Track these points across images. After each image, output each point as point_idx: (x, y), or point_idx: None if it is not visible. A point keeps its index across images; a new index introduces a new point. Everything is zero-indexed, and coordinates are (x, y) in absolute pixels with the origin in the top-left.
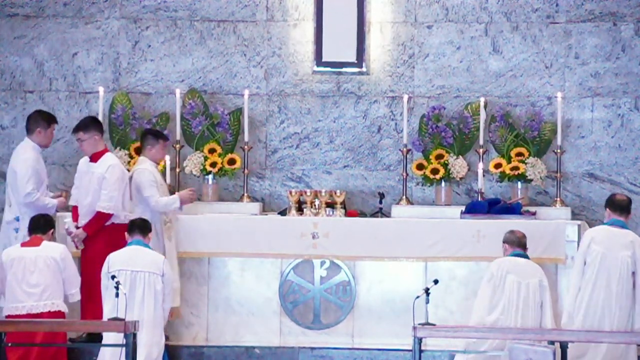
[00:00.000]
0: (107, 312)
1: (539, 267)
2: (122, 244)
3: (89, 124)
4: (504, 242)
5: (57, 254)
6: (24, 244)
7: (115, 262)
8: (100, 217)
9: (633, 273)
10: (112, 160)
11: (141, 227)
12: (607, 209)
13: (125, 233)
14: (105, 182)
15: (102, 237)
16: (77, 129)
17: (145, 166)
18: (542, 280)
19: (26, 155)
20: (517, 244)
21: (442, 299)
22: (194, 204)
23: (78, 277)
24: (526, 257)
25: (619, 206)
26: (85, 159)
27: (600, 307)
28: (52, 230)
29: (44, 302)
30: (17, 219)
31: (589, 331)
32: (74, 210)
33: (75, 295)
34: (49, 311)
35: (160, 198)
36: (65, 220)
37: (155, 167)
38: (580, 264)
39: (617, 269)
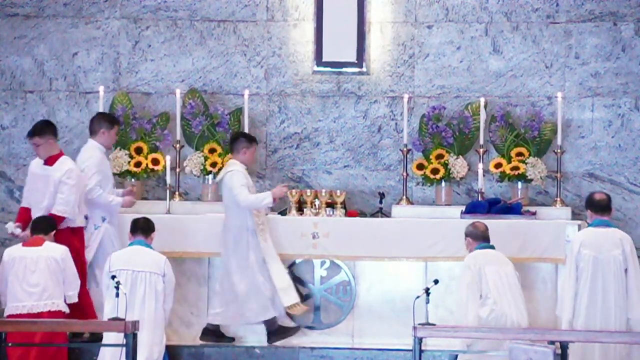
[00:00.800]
0: (108, 312)
1: (504, 256)
2: (78, 246)
3: (45, 128)
4: (466, 236)
5: (58, 254)
6: (25, 244)
7: (116, 261)
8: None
9: (625, 270)
10: (69, 164)
11: (144, 227)
12: (589, 210)
13: (128, 233)
14: (62, 185)
15: (58, 240)
16: (33, 134)
17: (237, 168)
18: (513, 266)
19: (90, 153)
20: (481, 237)
21: (442, 299)
22: (194, 203)
23: (77, 279)
24: (493, 247)
25: (600, 206)
26: (39, 161)
27: (600, 309)
28: (53, 232)
29: (44, 302)
30: (86, 218)
31: (589, 331)
32: (22, 213)
33: (73, 297)
34: (49, 311)
35: (249, 195)
36: (6, 225)
37: (245, 169)
38: (573, 270)
39: (611, 269)
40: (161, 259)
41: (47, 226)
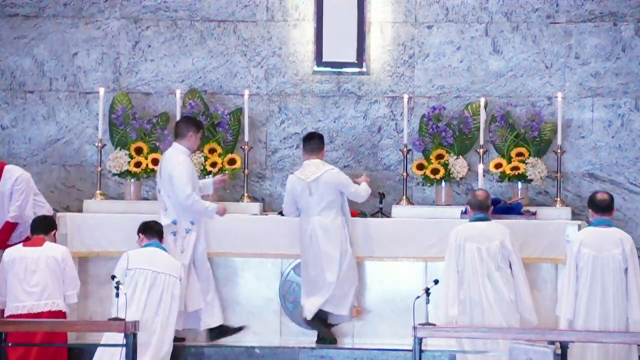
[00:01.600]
0: (114, 312)
1: (502, 228)
2: None
3: None
4: (467, 204)
5: (58, 254)
6: (26, 244)
7: (136, 260)
8: (9, 228)
9: (625, 270)
10: (17, 171)
11: (159, 231)
12: (590, 209)
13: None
14: (14, 193)
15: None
16: None
17: (333, 166)
18: (504, 241)
19: (180, 158)
20: (477, 207)
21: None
22: None
23: (77, 279)
24: (487, 219)
25: (601, 206)
26: None
27: (599, 309)
28: (54, 232)
29: (44, 302)
30: (175, 222)
31: (589, 331)
32: None
33: (72, 297)
34: (50, 310)
35: (361, 188)
36: None
37: None
38: (573, 269)
39: (610, 268)
40: (178, 263)
41: (46, 226)
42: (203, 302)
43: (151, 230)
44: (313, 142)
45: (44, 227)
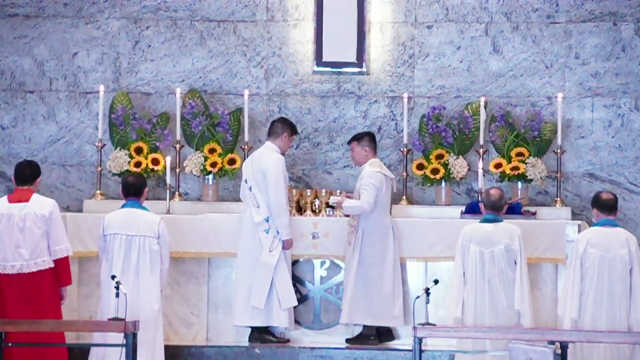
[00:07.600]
0: (104, 277)
1: (511, 229)
2: None
3: None
4: (480, 201)
5: (45, 211)
6: (12, 200)
7: (110, 225)
8: None
9: (630, 270)
10: None
11: (134, 188)
12: (595, 209)
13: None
14: None
15: None
16: None
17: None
18: (510, 244)
19: (275, 156)
20: (490, 207)
21: (442, 298)
22: (194, 203)
23: (63, 234)
24: (497, 220)
25: (608, 206)
26: None
27: (606, 309)
28: (39, 178)
29: (34, 261)
30: (267, 220)
31: (589, 331)
32: None
33: (60, 252)
34: (39, 270)
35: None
36: None
37: None
38: (578, 269)
39: (617, 268)
40: (155, 220)
41: (32, 173)
42: (296, 300)
43: (127, 190)
44: (374, 141)
45: (29, 175)
